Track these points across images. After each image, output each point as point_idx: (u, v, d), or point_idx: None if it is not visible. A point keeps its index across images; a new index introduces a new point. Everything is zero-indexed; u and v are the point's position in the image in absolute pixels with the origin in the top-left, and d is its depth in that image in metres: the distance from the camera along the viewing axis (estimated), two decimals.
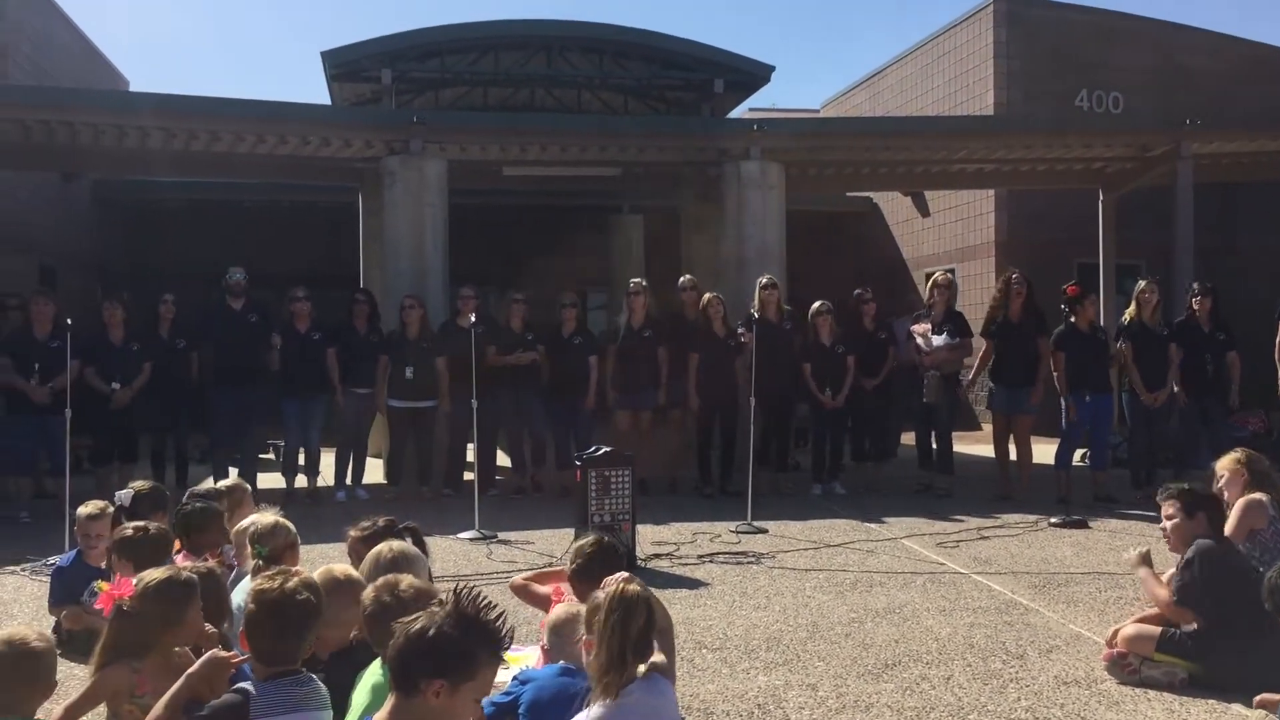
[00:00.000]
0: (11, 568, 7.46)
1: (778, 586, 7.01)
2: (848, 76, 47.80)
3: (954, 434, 11.01)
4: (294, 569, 3.55)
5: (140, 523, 4.87)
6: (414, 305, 10.70)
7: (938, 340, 10.59)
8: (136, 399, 9.93)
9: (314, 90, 67.12)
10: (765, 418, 10.66)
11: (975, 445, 13.55)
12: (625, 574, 3.57)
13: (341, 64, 14.68)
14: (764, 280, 10.92)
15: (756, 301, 10.76)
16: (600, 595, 3.39)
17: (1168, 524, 5.27)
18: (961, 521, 9.25)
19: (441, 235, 11.96)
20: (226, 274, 10.56)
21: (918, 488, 10.88)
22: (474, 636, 2.68)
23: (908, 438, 11.65)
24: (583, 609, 3.95)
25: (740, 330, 9.93)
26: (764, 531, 8.78)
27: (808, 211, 17.18)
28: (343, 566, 3.92)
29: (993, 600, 6.62)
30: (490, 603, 2.74)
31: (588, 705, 3.31)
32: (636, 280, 11.32)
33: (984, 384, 10.91)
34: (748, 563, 7.72)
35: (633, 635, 3.27)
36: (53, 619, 5.76)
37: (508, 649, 2.76)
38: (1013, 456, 10.55)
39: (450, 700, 2.64)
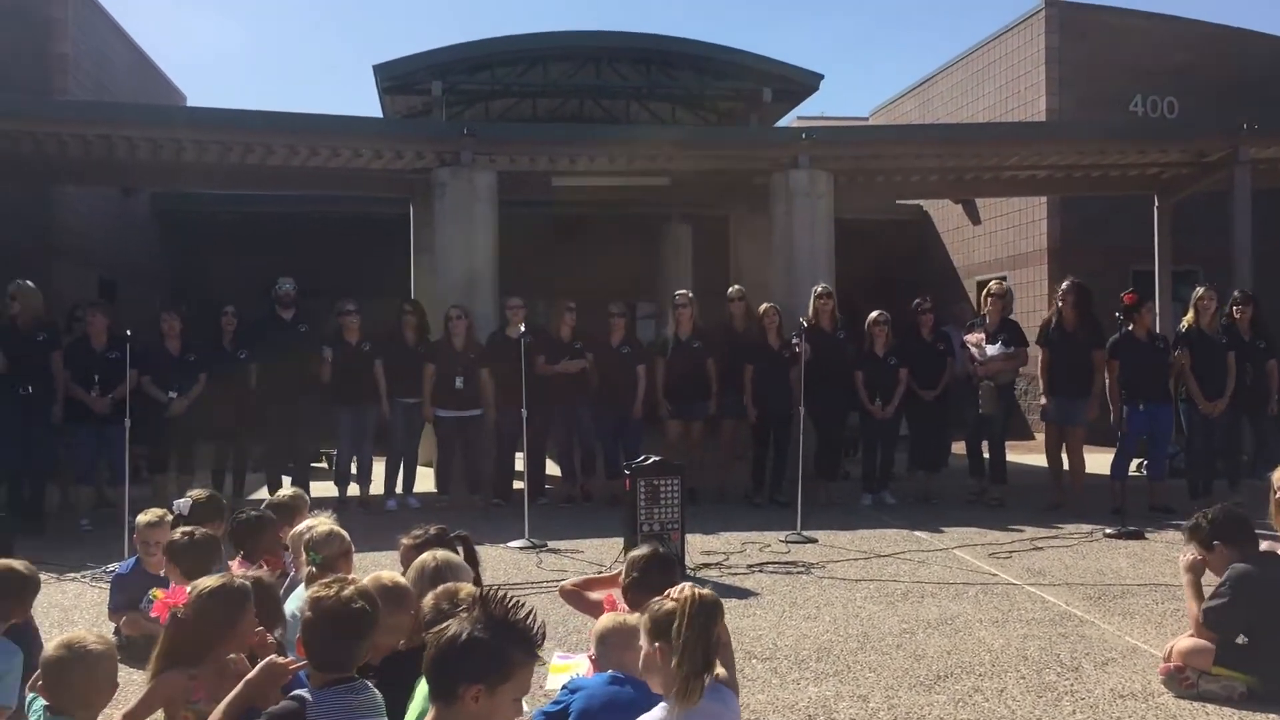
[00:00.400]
0: (73, 574, 7.60)
1: (828, 596, 6.98)
2: (897, 84, 47.50)
3: (1007, 443, 10.89)
4: (350, 577, 3.59)
5: (188, 528, 4.95)
6: (460, 316, 10.78)
7: (992, 350, 10.49)
8: (194, 409, 10.08)
9: (365, 103, 67.96)
10: (816, 427, 10.62)
11: (1028, 455, 13.39)
12: (689, 583, 3.57)
13: (393, 77, 14.87)
14: (819, 289, 10.89)
15: (810, 310, 10.73)
16: (671, 603, 3.36)
17: (1186, 575, 5.28)
18: (1014, 532, 9.15)
19: (491, 245, 12.04)
20: (276, 284, 10.69)
21: (969, 498, 10.78)
22: (505, 637, 2.68)
23: (957, 447, 11.54)
24: (629, 619, 3.94)
25: (795, 340, 9.90)
26: (814, 541, 8.74)
27: (857, 220, 17.09)
28: (392, 574, 3.96)
29: (1047, 612, 6.54)
30: (519, 602, 2.74)
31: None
32: (682, 292, 11.34)
33: (1037, 394, 10.78)
34: (797, 572, 7.69)
35: (712, 639, 3.26)
36: (112, 625, 5.86)
37: (540, 646, 2.76)
38: (1066, 467, 10.42)
39: (490, 703, 2.65)
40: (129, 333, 8.89)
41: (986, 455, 10.76)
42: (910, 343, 10.89)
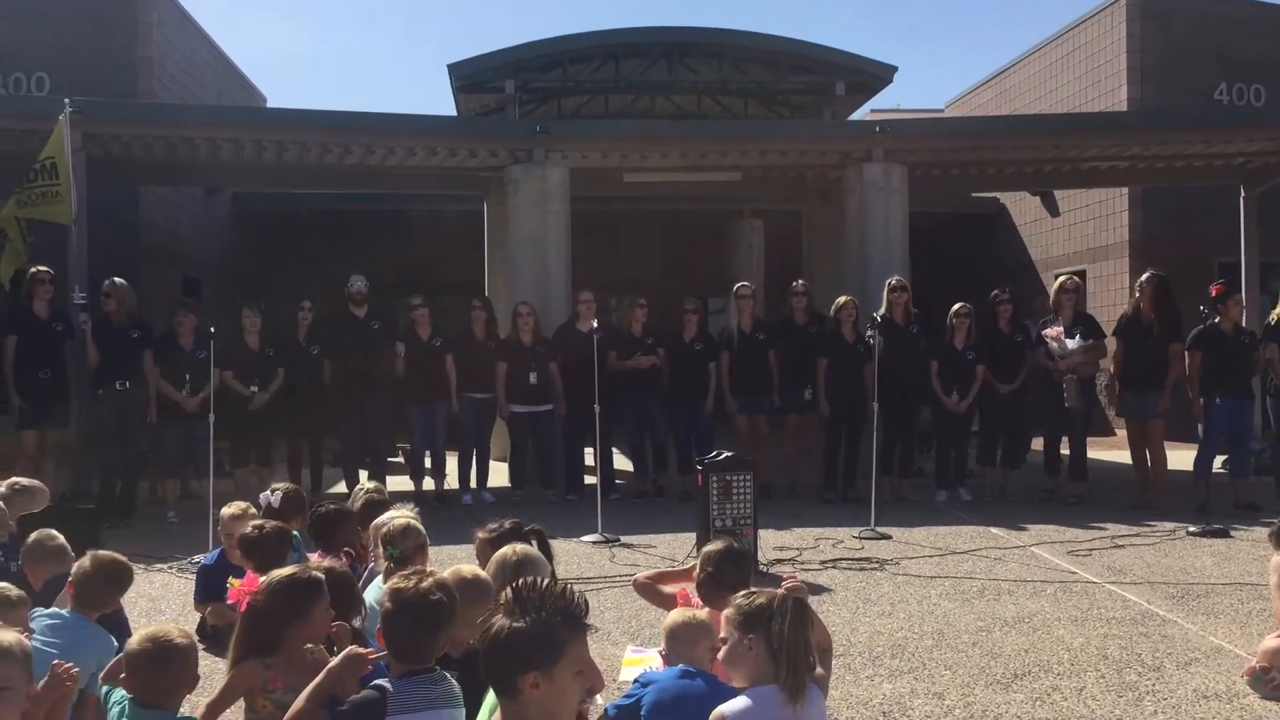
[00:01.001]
0: (160, 565, 7.82)
1: (902, 593, 6.93)
2: (972, 75, 46.83)
3: (1087, 439, 10.70)
4: (428, 569, 3.65)
5: (259, 522, 5.05)
6: (529, 312, 10.87)
7: (1071, 344, 10.31)
8: (272, 403, 10.30)
9: (438, 103, 68.70)
10: (889, 422, 10.53)
11: (1108, 451, 13.14)
12: (795, 582, 3.59)
13: (467, 76, 15.02)
14: (893, 281, 10.79)
15: (885, 303, 10.65)
16: (772, 606, 3.37)
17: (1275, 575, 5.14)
18: (1094, 529, 9.00)
19: (564, 241, 12.12)
20: (349, 282, 10.87)
21: (1045, 494, 10.61)
22: (546, 617, 2.70)
23: (1034, 443, 11.36)
24: (699, 614, 3.96)
25: (870, 333, 9.80)
26: (887, 538, 8.68)
27: (932, 213, 16.89)
28: (471, 567, 4.01)
29: (1127, 611, 6.43)
30: (551, 583, 2.76)
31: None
32: (744, 284, 11.33)
33: (1115, 388, 10.58)
34: (871, 569, 7.64)
35: (810, 639, 3.27)
36: (198, 615, 6.02)
37: (585, 616, 2.76)
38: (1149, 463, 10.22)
39: (550, 686, 2.67)
40: (212, 329, 9.10)
41: (1065, 451, 10.58)
42: (988, 335, 10.74)
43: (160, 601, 6.85)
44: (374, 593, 4.49)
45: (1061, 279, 10.99)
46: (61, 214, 10.15)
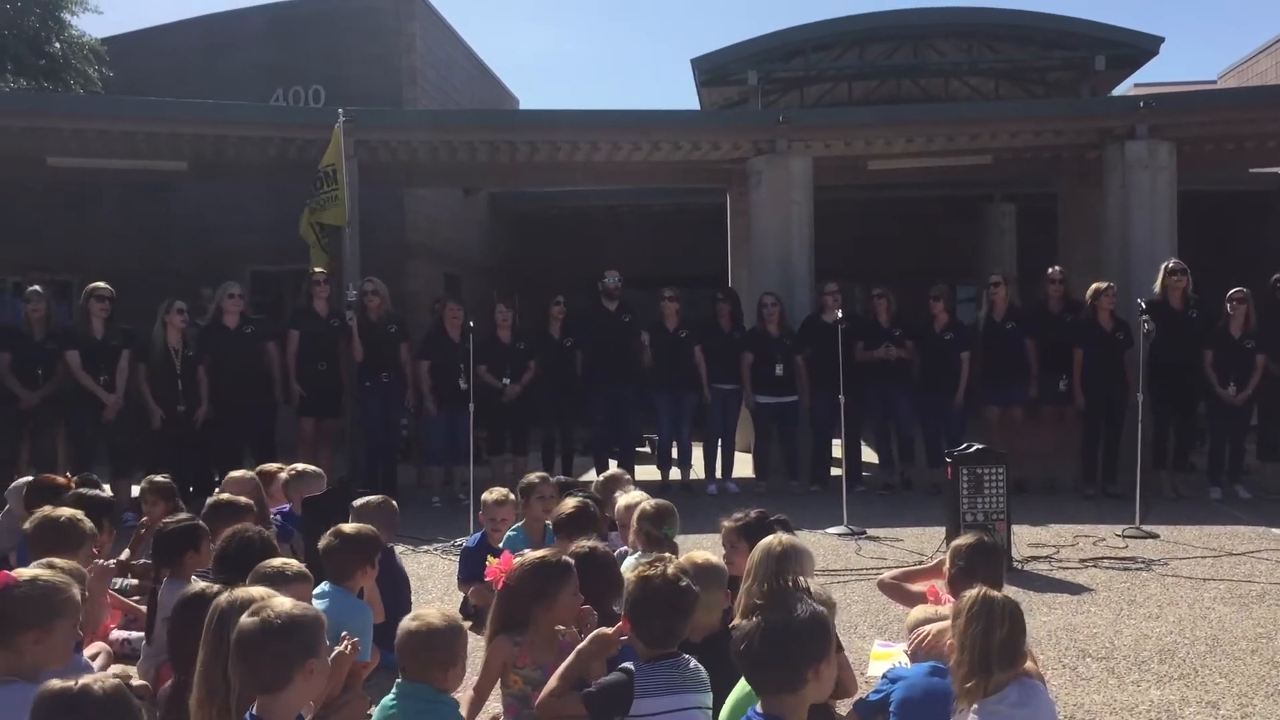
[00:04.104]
0: (426, 547, 8.30)
1: (1171, 595, 6.54)
2: (1248, 44, 43.36)
3: None
4: (670, 556, 3.74)
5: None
6: (774, 303, 10.86)
7: None
8: (526, 394, 10.71)
9: (678, 97, 69.39)
10: (1165, 414, 9.92)
11: None
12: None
13: (709, 69, 15.16)
14: (1171, 264, 10.16)
15: (1158, 286, 10.05)
16: (961, 602, 3.33)
17: None
18: None
19: (807, 232, 12.04)
20: (603, 278, 11.16)
21: None
22: (816, 609, 2.77)
23: None
24: (943, 609, 3.89)
25: (1143, 319, 9.22)
26: (1154, 536, 8.20)
27: (1203, 192, 15.77)
28: (705, 553, 4.09)
29: None
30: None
31: (957, 712, 3.26)
32: (997, 272, 10.93)
33: None
34: (1136, 569, 7.24)
35: (994, 644, 3.19)
36: (460, 595, 6.36)
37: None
38: None
39: (830, 672, 2.73)
40: (471, 324, 9.56)
41: None
42: (1269, 322, 9.95)
43: (427, 581, 7.27)
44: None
45: None
46: (339, 217, 10.96)
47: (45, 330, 9.64)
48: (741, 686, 3.26)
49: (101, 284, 9.69)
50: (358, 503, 5.58)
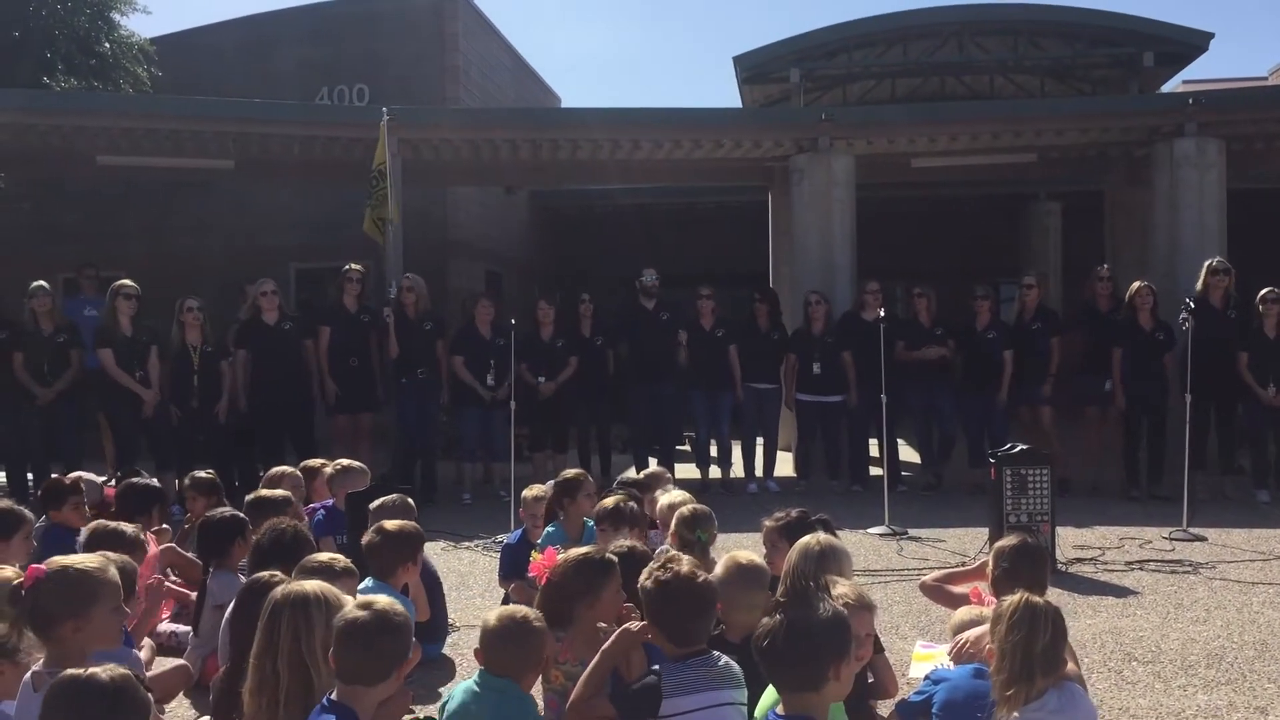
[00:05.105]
0: (468, 544, 8.34)
1: (1219, 599, 6.44)
2: None
3: None
4: (680, 555, 3.73)
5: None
6: (819, 301, 10.81)
7: None
8: (563, 391, 10.72)
9: (721, 96, 69.31)
10: (1201, 414, 9.78)
11: None
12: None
13: (751, 67, 15.12)
14: (1214, 263, 10.03)
15: (1199, 285, 9.91)
16: (1003, 608, 3.30)
17: None
18: None
19: (849, 230, 11.98)
20: (641, 276, 11.15)
21: None
22: (837, 607, 2.78)
23: None
24: (985, 611, 3.85)
25: (1183, 317, 9.10)
26: (1202, 539, 8.08)
27: (1256, 190, 15.52)
28: (747, 553, 4.07)
29: None
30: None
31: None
32: (1031, 273, 10.93)
33: None
34: (1183, 572, 7.14)
35: (1036, 651, 3.17)
36: (501, 591, 6.38)
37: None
38: None
39: (849, 671, 2.73)
40: (513, 321, 9.57)
41: None
42: None
43: (468, 577, 7.30)
44: None
45: None
46: (392, 214, 10.96)
47: (52, 324, 9.78)
48: (772, 690, 3.26)
49: (128, 281, 9.80)
50: (374, 504, 5.61)
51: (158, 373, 9.64)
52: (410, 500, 5.70)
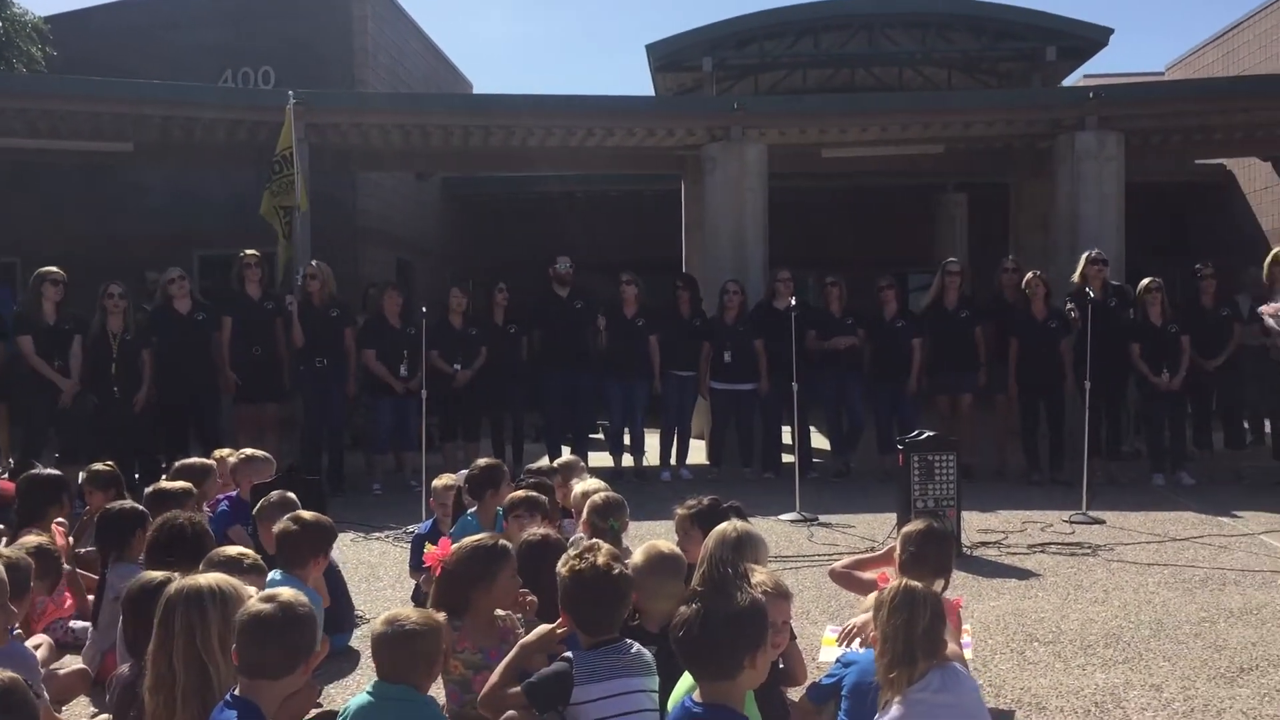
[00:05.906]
0: (377, 535, 8.23)
1: (1117, 580, 6.64)
2: (1195, 36, 43.96)
3: None
4: (599, 544, 3.72)
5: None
6: (737, 290, 10.86)
7: None
8: (476, 380, 10.61)
9: (634, 84, 69.25)
10: (1091, 402, 10.08)
11: None
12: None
13: (664, 55, 15.12)
14: (1093, 253, 10.37)
15: (1077, 275, 10.23)
16: (884, 595, 3.37)
17: None
18: None
19: (761, 219, 12.07)
20: (555, 263, 11.08)
21: (1277, 480, 9.94)
22: (755, 595, 2.83)
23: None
24: None
25: (1070, 307, 9.38)
26: (1100, 522, 8.32)
27: (1151, 183, 15.99)
28: (668, 543, 4.08)
29: None
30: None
31: (883, 705, 3.29)
32: (952, 260, 11.05)
33: None
34: (1083, 554, 7.35)
35: (917, 634, 3.24)
36: (412, 583, 6.32)
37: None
38: None
39: (765, 660, 2.76)
40: (424, 309, 9.44)
41: None
42: (1192, 311, 10.18)
43: (379, 569, 7.21)
44: None
45: (1276, 250, 10.26)
46: (296, 202, 10.71)
47: None
48: (687, 677, 3.27)
49: (54, 268, 9.45)
50: (258, 506, 5.53)
51: (79, 362, 9.31)
52: (293, 495, 5.55)
